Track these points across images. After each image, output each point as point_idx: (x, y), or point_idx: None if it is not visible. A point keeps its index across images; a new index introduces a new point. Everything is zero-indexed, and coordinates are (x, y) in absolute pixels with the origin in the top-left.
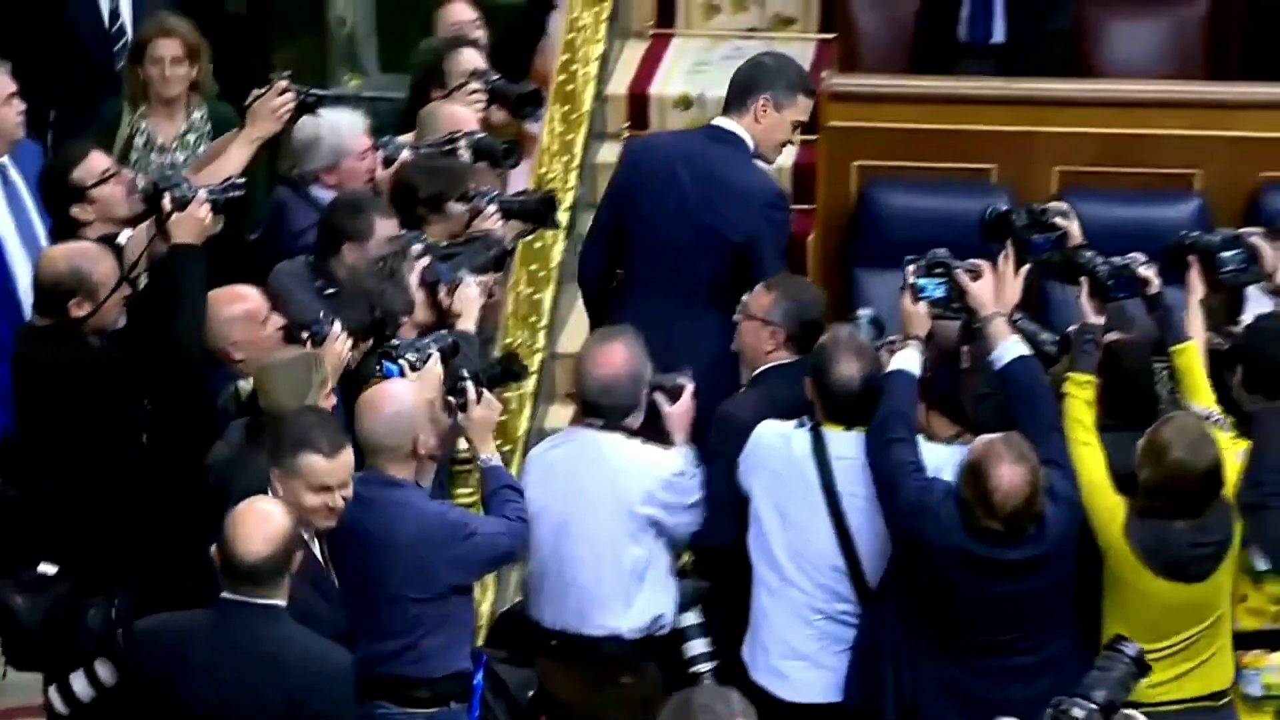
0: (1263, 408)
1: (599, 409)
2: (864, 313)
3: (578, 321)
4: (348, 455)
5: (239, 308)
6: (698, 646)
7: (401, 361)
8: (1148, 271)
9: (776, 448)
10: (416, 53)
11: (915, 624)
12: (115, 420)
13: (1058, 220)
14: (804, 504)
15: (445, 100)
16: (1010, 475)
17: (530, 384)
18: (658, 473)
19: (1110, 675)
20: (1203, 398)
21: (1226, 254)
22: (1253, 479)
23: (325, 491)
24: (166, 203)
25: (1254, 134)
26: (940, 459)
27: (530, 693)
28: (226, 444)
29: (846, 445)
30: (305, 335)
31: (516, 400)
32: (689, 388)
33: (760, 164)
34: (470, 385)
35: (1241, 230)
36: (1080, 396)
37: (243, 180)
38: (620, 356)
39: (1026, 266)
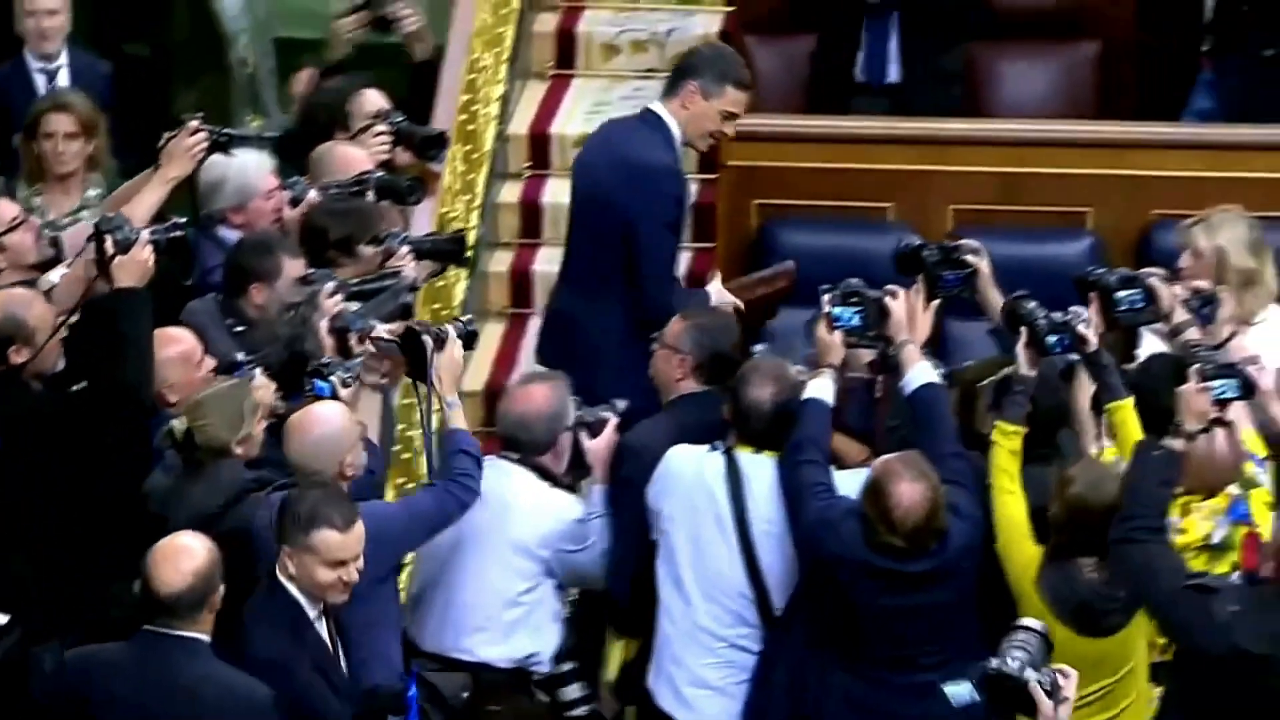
0: (1142, 442)
1: (515, 443)
2: (760, 348)
3: (480, 358)
4: (359, 528)
5: (174, 350)
6: (573, 691)
7: (333, 379)
8: (1086, 330)
9: (688, 472)
10: (317, 94)
11: (822, 642)
12: (64, 464)
13: (968, 258)
14: (714, 528)
15: (346, 142)
16: (910, 492)
17: (435, 420)
18: (558, 516)
19: (1025, 643)
20: None
21: (1123, 293)
22: (1124, 514)
23: (340, 566)
24: (109, 245)
25: (1145, 172)
26: (853, 486)
27: (465, 694)
28: (164, 473)
29: (759, 469)
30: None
31: (419, 438)
32: (612, 422)
33: (671, 146)
34: (451, 328)
35: (1141, 270)
36: (1006, 445)
37: (184, 221)
38: (541, 396)
39: (936, 301)
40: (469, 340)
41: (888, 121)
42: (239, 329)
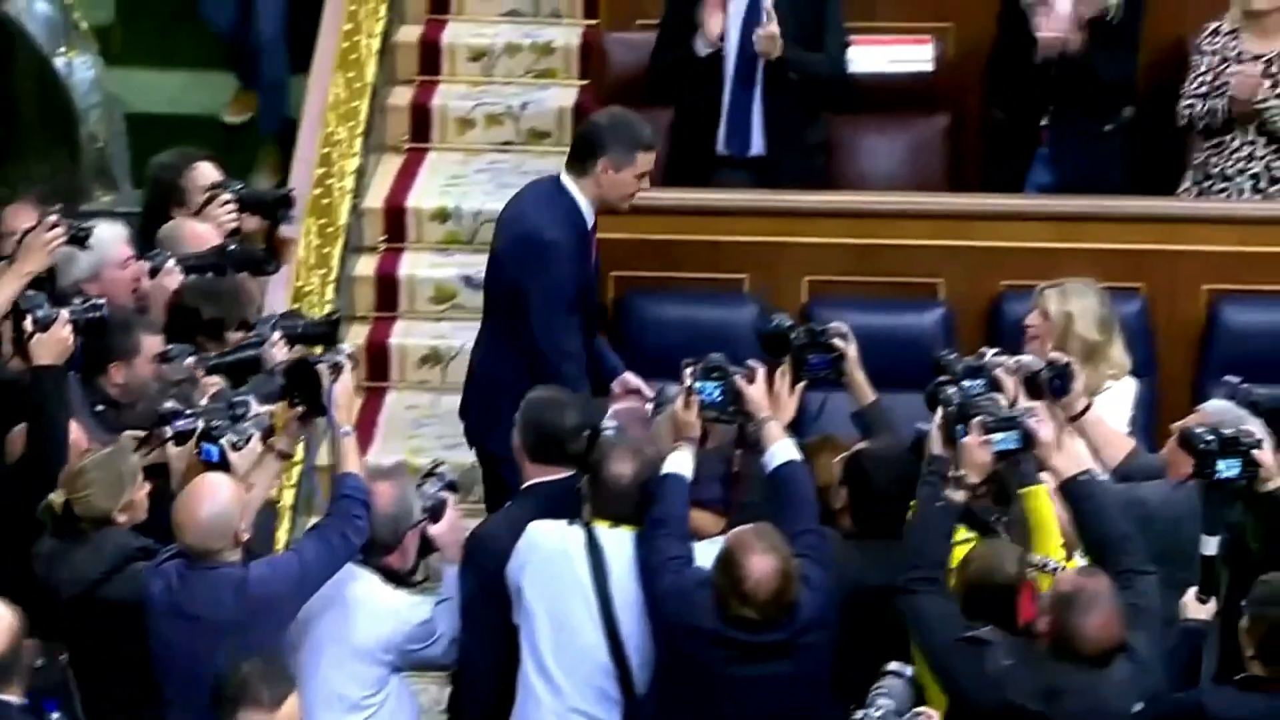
0: (925, 494)
1: None
2: (609, 424)
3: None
4: (291, 703)
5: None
6: None
7: (223, 442)
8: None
9: (550, 545)
10: (151, 169)
11: (677, 715)
12: None
13: (836, 341)
14: (575, 602)
15: (194, 217)
16: (761, 564)
17: (289, 496)
18: (402, 619)
19: (891, 690)
20: (1047, 546)
21: (967, 382)
22: (905, 565)
23: None
24: (28, 324)
25: (993, 243)
26: (709, 556)
27: None
28: (50, 538)
29: (618, 544)
30: None
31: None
32: (450, 500)
33: (571, 221)
34: (345, 360)
35: (988, 360)
36: None
37: (102, 300)
38: (384, 496)
39: (801, 384)
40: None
41: (743, 194)
42: (100, 408)
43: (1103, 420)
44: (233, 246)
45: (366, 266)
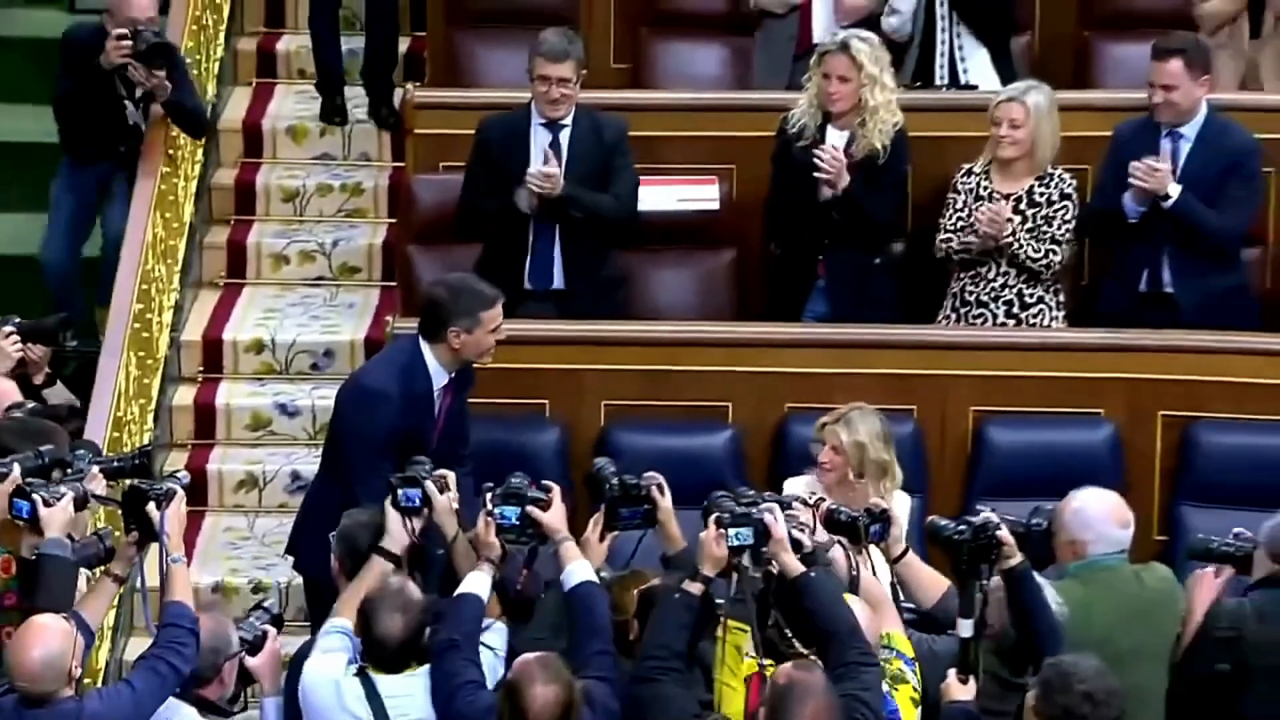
0: (665, 586)
1: None
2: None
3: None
4: None
5: None
6: None
7: (35, 497)
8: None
9: (327, 696)
10: None
11: None
12: None
13: (653, 491)
14: None
15: None
16: (544, 694)
17: (110, 616)
18: None
19: None
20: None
21: (733, 530)
22: (643, 655)
23: None
24: None
25: (777, 369)
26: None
27: None
28: None
29: (396, 687)
30: None
31: (98, 631)
32: (271, 634)
33: (409, 377)
34: (179, 488)
35: (762, 505)
36: (732, 641)
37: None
38: (202, 628)
39: (613, 534)
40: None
41: (542, 324)
42: None
43: (919, 561)
44: (32, 404)
45: (185, 396)
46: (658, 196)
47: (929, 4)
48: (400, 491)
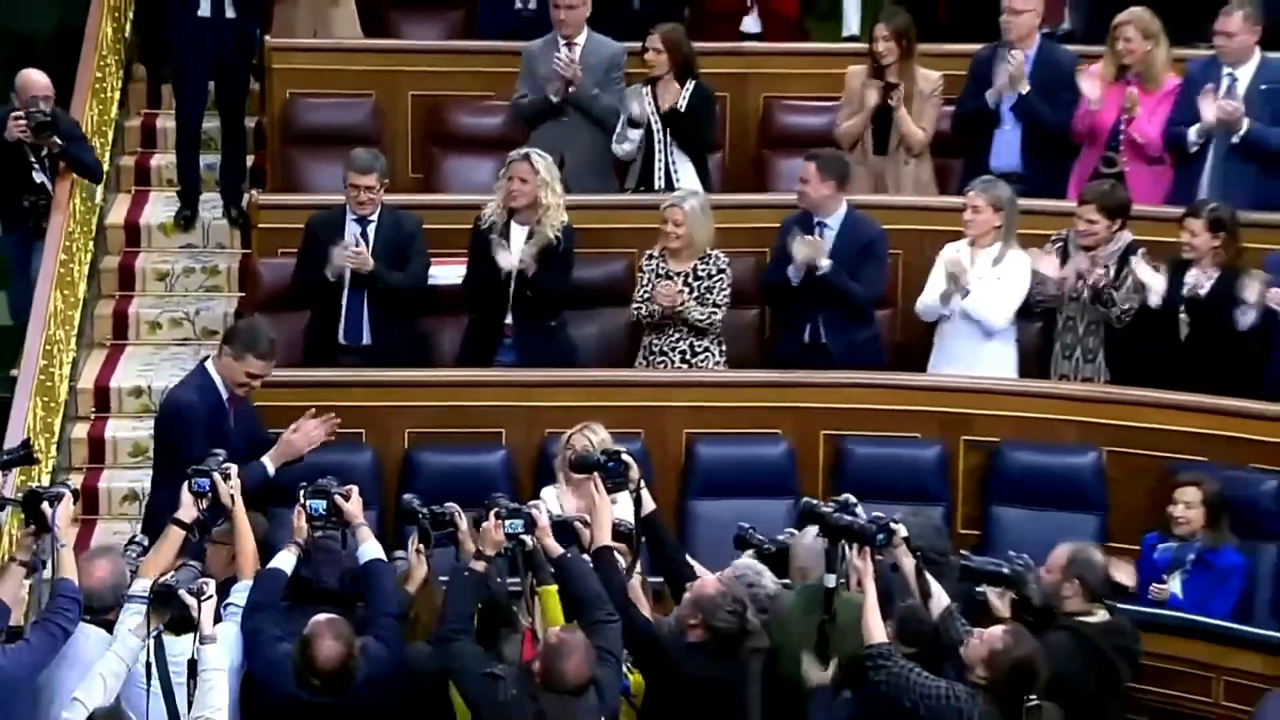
0: (457, 567)
1: (89, 609)
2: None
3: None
4: None
5: None
6: None
7: None
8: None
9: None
10: None
11: None
12: None
13: (454, 517)
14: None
15: None
16: (328, 647)
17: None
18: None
19: None
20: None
21: (509, 520)
22: (440, 621)
23: None
24: None
25: (539, 403)
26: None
27: None
28: None
29: (183, 646)
30: None
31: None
32: (67, 496)
33: (203, 389)
34: (68, 491)
35: (529, 504)
36: (546, 596)
37: None
38: (101, 569)
39: (426, 557)
40: (74, 496)
41: (360, 372)
42: None
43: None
44: None
45: (81, 431)
46: (446, 273)
47: (648, 130)
48: (194, 480)
